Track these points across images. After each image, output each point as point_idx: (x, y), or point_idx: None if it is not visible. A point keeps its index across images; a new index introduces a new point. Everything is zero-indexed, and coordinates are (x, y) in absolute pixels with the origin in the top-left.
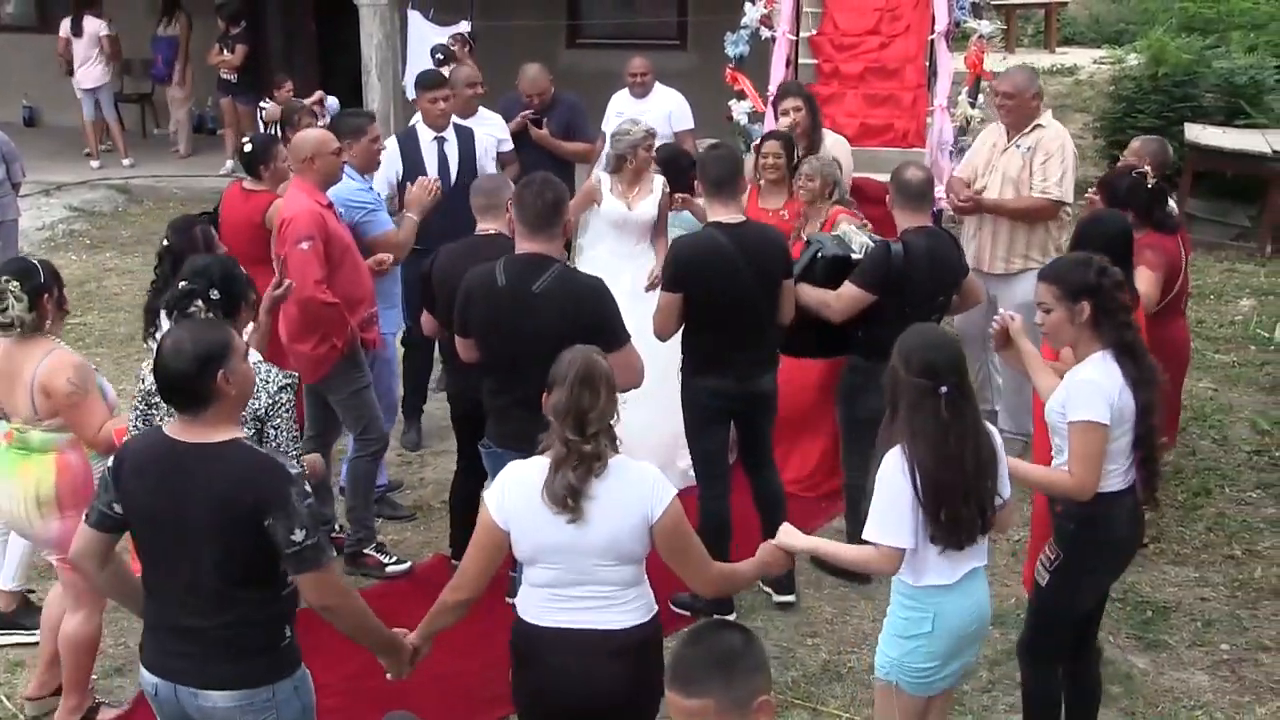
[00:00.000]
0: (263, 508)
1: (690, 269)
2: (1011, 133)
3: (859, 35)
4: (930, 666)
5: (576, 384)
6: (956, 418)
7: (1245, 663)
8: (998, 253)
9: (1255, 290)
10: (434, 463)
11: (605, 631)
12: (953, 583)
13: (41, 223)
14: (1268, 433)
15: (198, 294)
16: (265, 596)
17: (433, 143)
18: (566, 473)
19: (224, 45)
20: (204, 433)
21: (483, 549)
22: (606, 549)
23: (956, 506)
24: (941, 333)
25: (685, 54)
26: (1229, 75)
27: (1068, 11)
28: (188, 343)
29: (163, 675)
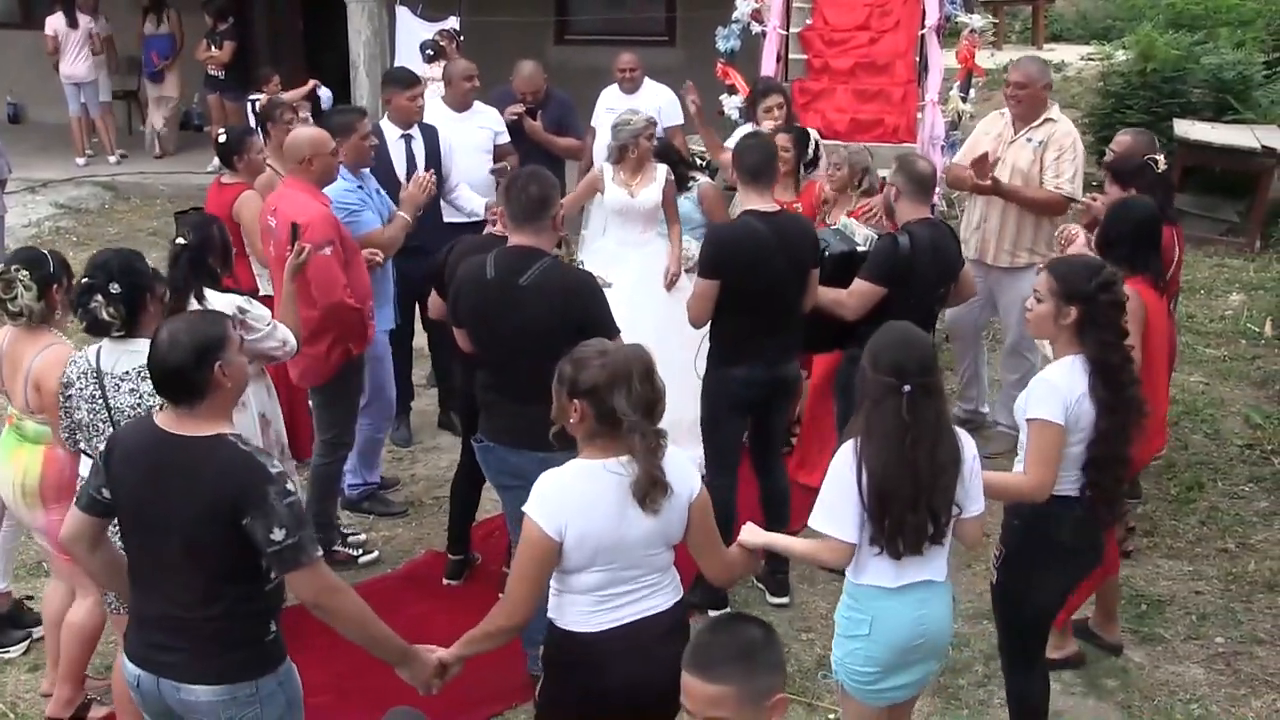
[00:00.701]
0: (241, 506)
1: (730, 255)
2: (1019, 124)
3: (849, 30)
4: (869, 672)
5: (643, 379)
6: (917, 419)
7: (1240, 656)
8: (1003, 245)
9: (1245, 285)
10: (425, 459)
11: (658, 615)
12: (893, 587)
13: (28, 220)
14: (1259, 427)
15: (96, 288)
16: (248, 591)
17: (400, 140)
18: (650, 468)
19: (212, 41)
20: (193, 426)
21: (535, 567)
22: (660, 536)
23: (901, 512)
24: (913, 332)
25: (674, 50)
26: (1217, 71)
27: (1055, 8)
28: (183, 334)
29: (145, 667)
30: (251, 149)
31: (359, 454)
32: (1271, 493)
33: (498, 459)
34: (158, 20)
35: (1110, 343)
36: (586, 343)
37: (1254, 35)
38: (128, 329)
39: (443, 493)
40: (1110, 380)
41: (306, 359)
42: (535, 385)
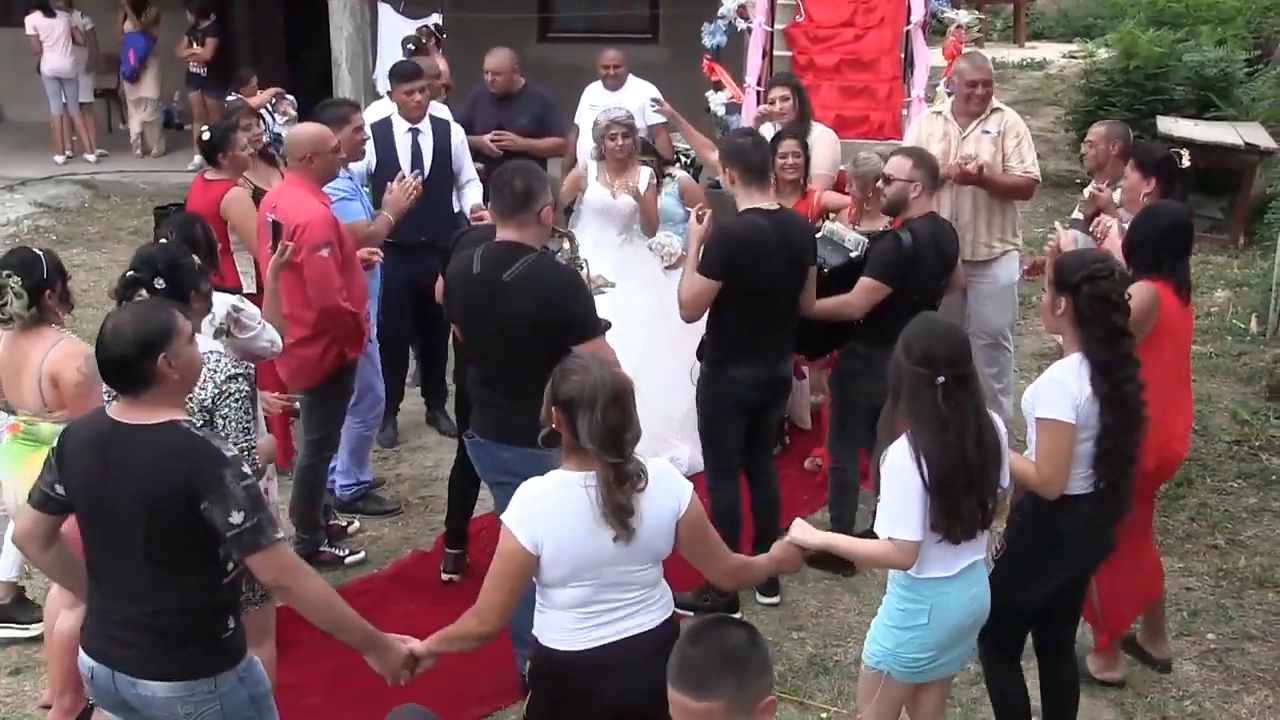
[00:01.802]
0: (197, 491)
1: (736, 254)
2: (966, 120)
3: (833, 27)
4: (925, 657)
5: (609, 405)
6: (954, 409)
7: (1232, 652)
8: (980, 238)
9: (1230, 281)
10: (411, 458)
11: (644, 634)
12: (953, 574)
13: (6, 219)
14: (1247, 423)
15: (142, 282)
16: (204, 583)
17: (407, 134)
18: (615, 495)
19: (194, 38)
20: (143, 414)
21: (509, 577)
22: (645, 553)
23: (958, 499)
24: (945, 323)
25: (657, 47)
26: (1199, 68)
27: (1036, 6)
28: (128, 325)
29: (101, 661)
30: (235, 145)
31: (350, 453)
32: (1260, 489)
33: (489, 455)
34: (138, 17)
35: (1099, 338)
36: (580, 353)
37: (1235, 33)
38: None
39: (429, 492)
40: (1105, 376)
41: (299, 360)
42: (523, 380)
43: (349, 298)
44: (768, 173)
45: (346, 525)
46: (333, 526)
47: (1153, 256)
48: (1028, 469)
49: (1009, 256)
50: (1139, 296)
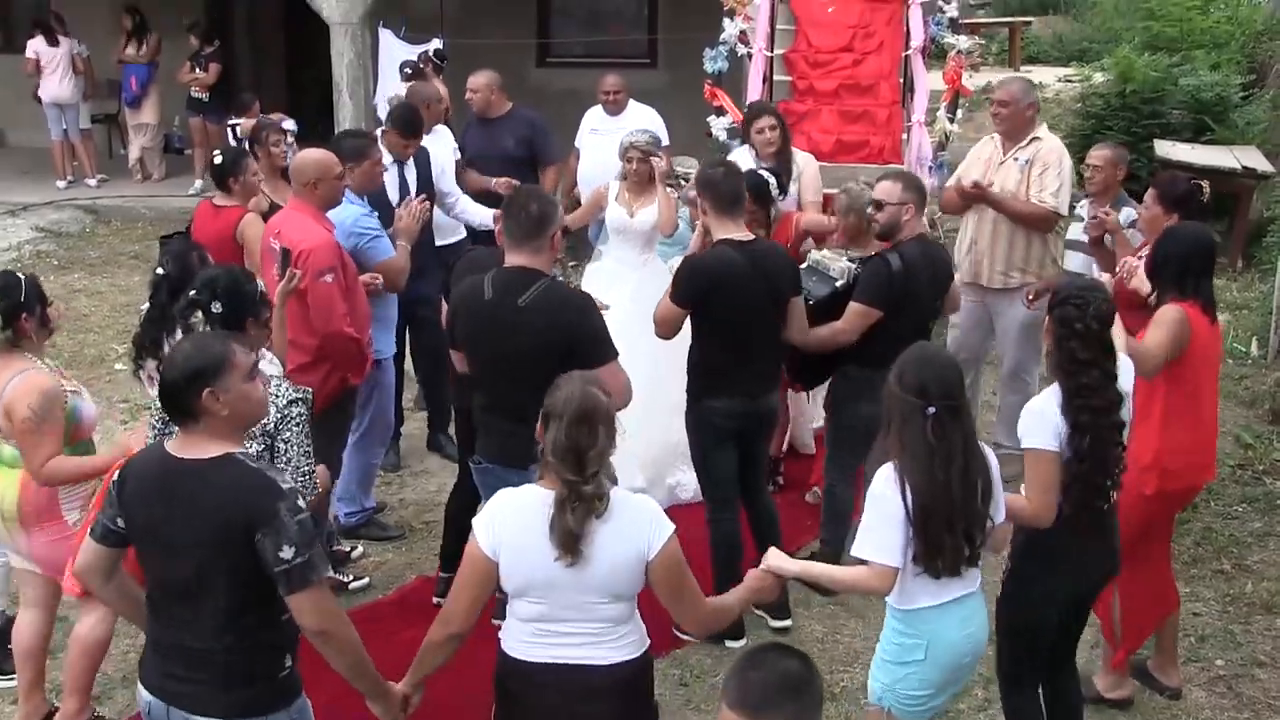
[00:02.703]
0: (253, 524)
1: (704, 285)
2: (1007, 145)
3: (832, 52)
4: (923, 694)
5: (574, 422)
6: (942, 440)
7: (1241, 679)
8: (996, 266)
9: (1229, 305)
10: (413, 483)
11: (594, 667)
12: (943, 603)
13: (8, 244)
14: (1250, 447)
15: (200, 304)
16: (262, 621)
17: (393, 165)
18: (566, 515)
19: (196, 64)
20: (198, 448)
21: (472, 581)
22: (601, 586)
23: (939, 531)
24: (940, 353)
25: (656, 72)
26: (1195, 92)
27: (1031, 30)
28: (180, 355)
29: (158, 695)
30: (247, 170)
31: (355, 481)
32: (1265, 513)
33: (495, 479)
34: (139, 45)
35: (1059, 364)
36: (577, 372)
37: (1230, 57)
38: None
39: (432, 517)
40: (1066, 402)
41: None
42: (531, 405)
43: (352, 323)
44: (740, 203)
45: (350, 550)
46: (337, 552)
47: (1177, 278)
48: (1019, 504)
49: (1026, 290)
50: (1168, 319)
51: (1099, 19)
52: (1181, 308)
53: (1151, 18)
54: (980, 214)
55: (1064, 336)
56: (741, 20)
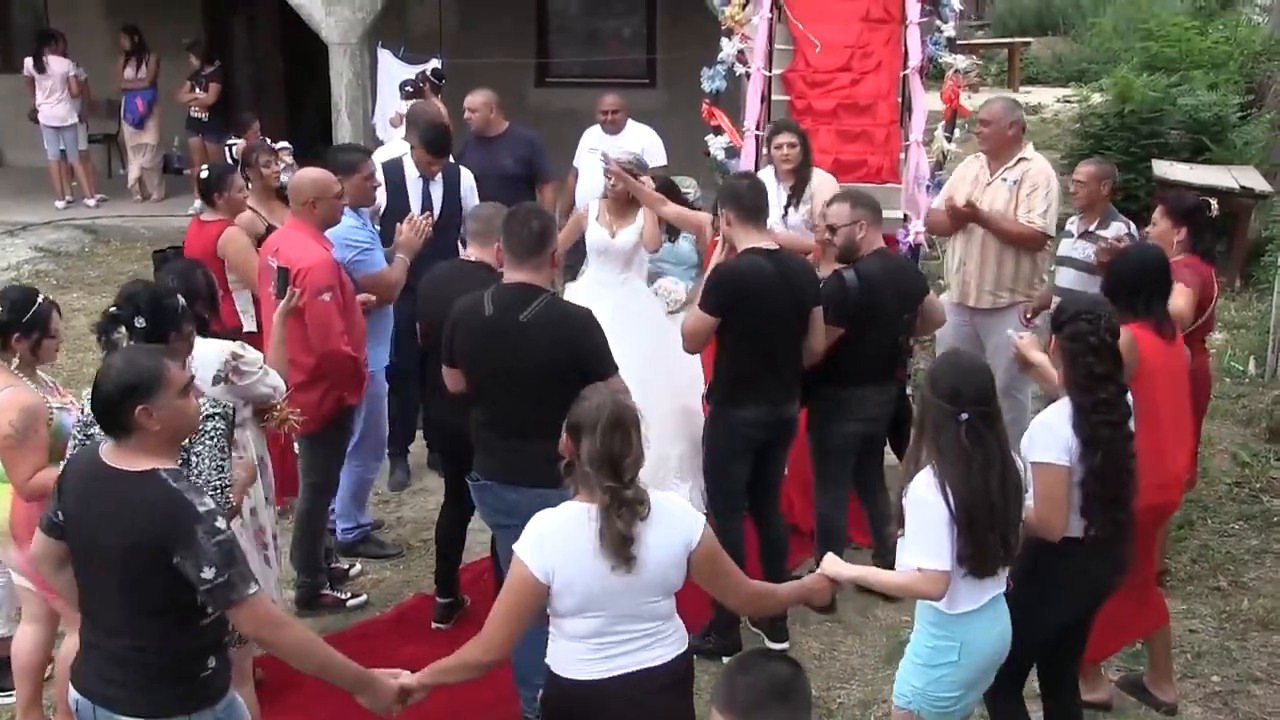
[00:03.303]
0: (169, 546)
1: (735, 293)
2: (994, 165)
3: (831, 72)
4: (953, 696)
5: (608, 430)
6: (977, 445)
7: (1237, 694)
8: (984, 286)
9: (1227, 324)
10: (412, 501)
11: (656, 668)
12: (979, 608)
13: (6, 263)
14: (1247, 465)
15: (122, 319)
16: (180, 624)
17: (419, 179)
18: (615, 522)
19: (196, 84)
20: (128, 459)
21: (520, 608)
22: (656, 585)
23: (983, 533)
24: (972, 359)
25: (655, 92)
26: (1193, 112)
27: (1030, 51)
28: (114, 370)
29: (84, 693)
30: (232, 186)
31: (351, 496)
32: (1262, 530)
33: (494, 496)
34: (138, 65)
35: (1077, 381)
36: (596, 385)
37: (1228, 78)
38: None
39: (430, 535)
40: (1083, 419)
41: (299, 405)
42: (534, 421)
43: (349, 342)
44: (764, 213)
45: (349, 568)
46: (335, 569)
47: (1127, 299)
48: (1029, 515)
49: (1018, 310)
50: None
51: (1098, 40)
52: (1129, 330)
53: (1150, 38)
54: (969, 234)
55: (1079, 353)
56: (739, 40)
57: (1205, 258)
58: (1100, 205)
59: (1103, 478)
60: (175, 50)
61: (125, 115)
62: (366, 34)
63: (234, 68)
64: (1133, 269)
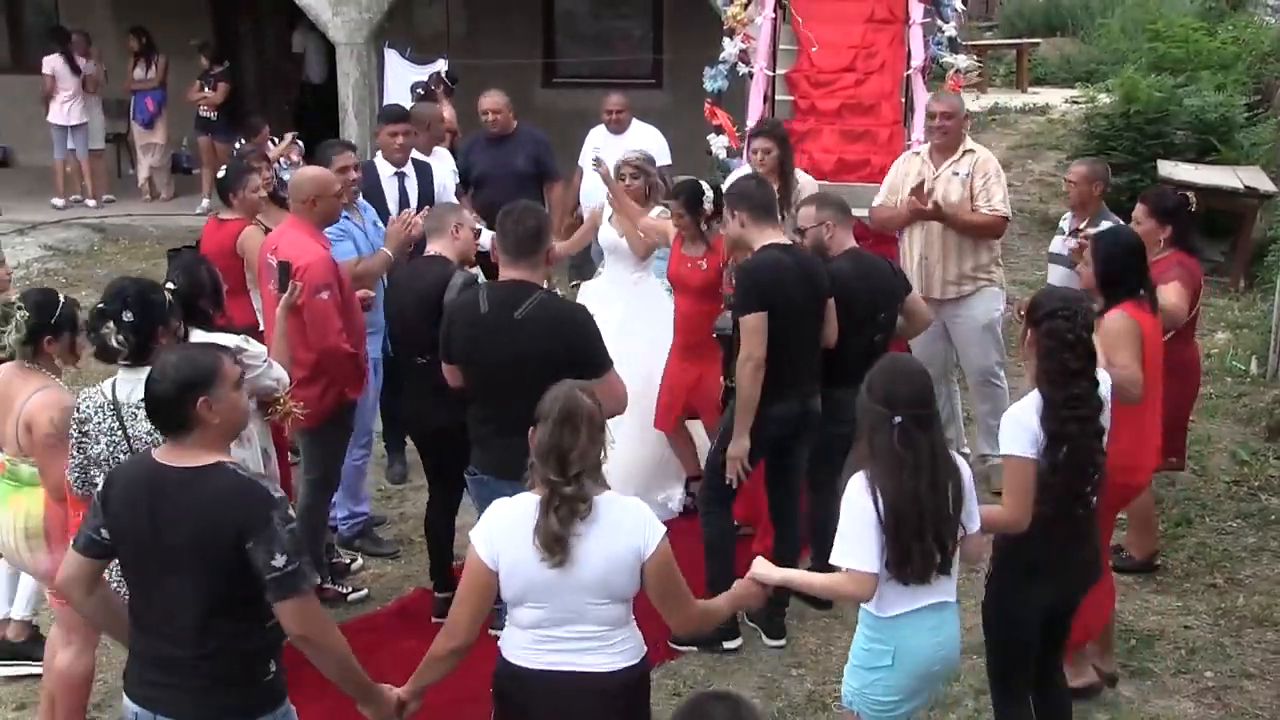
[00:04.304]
0: (244, 532)
1: (772, 285)
2: (939, 158)
3: (835, 72)
4: (890, 700)
5: (558, 423)
6: (910, 449)
7: (1230, 690)
8: (947, 278)
9: (1230, 324)
10: (413, 497)
11: (595, 674)
12: (911, 610)
13: (16, 262)
14: (1246, 463)
15: (110, 314)
16: (248, 628)
17: (393, 178)
18: (551, 517)
19: (205, 83)
20: (188, 457)
21: (473, 592)
22: (598, 587)
23: (909, 539)
24: (911, 364)
25: (661, 92)
26: (1199, 113)
27: (1039, 52)
28: (171, 366)
29: (142, 704)
30: (247, 186)
31: (343, 486)
32: (1259, 529)
33: (491, 492)
34: (147, 66)
35: (1049, 374)
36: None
37: (1235, 78)
38: (137, 358)
39: None
40: (1051, 414)
41: (300, 401)
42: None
43: (348, 339)
44: (774, 209)
45: (350, 562)
46: (336, 564)
47: (1135, 280)
48: (995, 513)
49: (984, 294)
50: (1122, 330)
51: (1106, 40)
52: (1126, 313)
53: (1158, 39)
54: (926, 229)
55: (1055, 349)
56: (741, 40)
57: (1191, 251)
58: (1092, 205)
59: (1066, 472)
60: (184, 50)
61: (135, 115)
62: (373, 34)
63: (243, 68)
64: (1122, 253)
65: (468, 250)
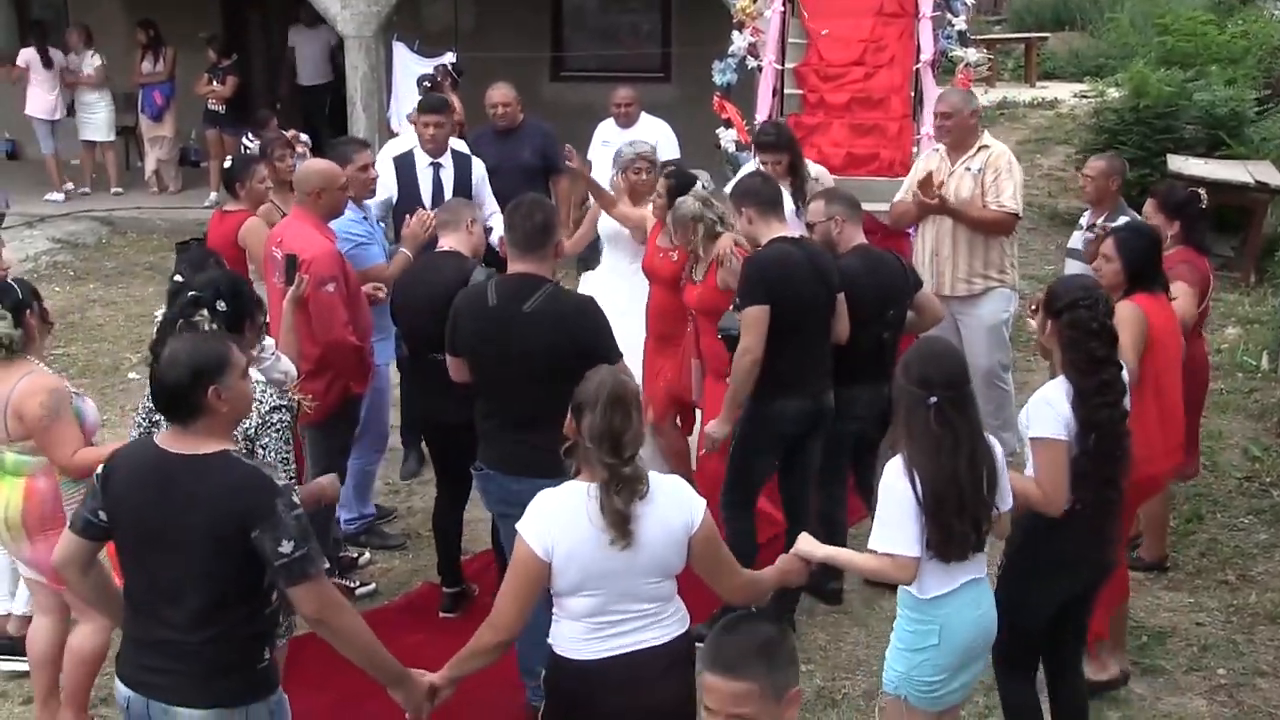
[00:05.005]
0: (249, 520)
1: (778, 279)
2: (954, 155)
3: (844, 66)
4: (938, 680)
5: (608, 406)
6: (947, 430)
7: (1243, 688)
8: (958, 275)
9: (1241, 319)
10: (422, 491)
11: (656, 648)
12: (954, 589)
13: (25, 255)
14: (1258, 459)
15: (204, 303)
16: (244, 615)
17: (429, 168)
18: (613, 498)
19: (214, 76)
20: (193, 444)
21: (523, 585)
22: (653, 566)
23: (950, 518)
24: (945, 345)
25: (669, 86)
26: (1209, 107)
27: (1047, 46)
28: (183, 354)
29: (135, 689)
30: (254, 177)
31: (353, 487)
32: (1271, 525)
33: (498, 487)
34: (155, 59)
35: (1077, 364)
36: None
37: (1245, 72)
38: None
39: None
40: (1081, 402)
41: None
42: (537, 412)
43: (355, 332)
44: (781, 204)
45: (357, 557)
46: (344, 558)
47: (1143, 274)
48: (1030, 488)
49: (993, 295)
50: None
51: (1115, 34)
52: (1135, 304)
53: (1167, 33)
54: (938, 224)
55: (1080, 339)
56: (750, 33)
57: (1200, 249)
58: (1109, 200)
59: (1098, 458)
60: (192, 43)
61: (143, 109)
62: (381, 27)
63: (251, 61)
64: (1148, 246)
65: (480, 245)
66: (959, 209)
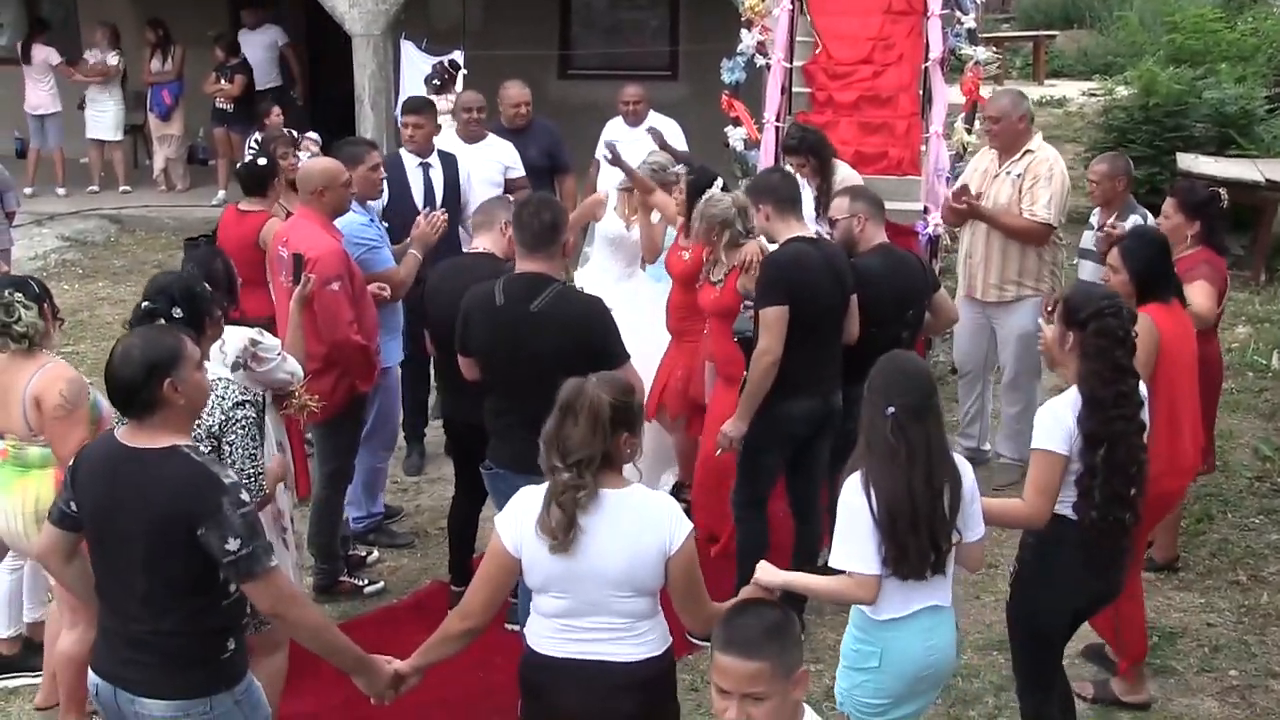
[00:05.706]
0: (195, 518)
1: (796, 279)
2: (1002, 158)
3: (852, 64)
4: (880, 703)
5: (559, 411)
6: (902, 440)
7: (1255, 689)
8: (990, 280)
9: (1251, 318)
10: (430, 489)
11: (618, 664)
12: (903, 615)
13: (34, 252)
14: (1268, 459)
15: (159, 313)
16: (204, 605)
17: (418, 168)
18: (550, 504)
19: (222, 75)
20: (147, 438)
21: (492, 577)
22: (621, 580)
23: (904, 534)
24: (908, 358)
25: (677, 84)
26: (1219, 105)
27: (1056, 44)
28: (136, 349)
29: (104, 678)
30: (281, 177)
31: (362, 485)
32: None
33: (508, 485)
34: (164, 57)
35: (1100, 374)
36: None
37: (1255, 70)
38: None
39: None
40: (1096, 413)
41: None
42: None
43: (360, 330)
44: (799, 203)
45: (366, 555)
46: (352, 556)
47: (1153, 283)
48: (1013, 507)
49: (1026, 305)
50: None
51: (1124, 32)
52: (1146, 315)
53: (1176, 31)
54: (975, 227)
55: (1108, 347)
56: (759, 31)
57: (1219, 249)
58: (1118, 200)
59: (1112, 472)
60: (200, 42)
61: (151, 107)
62: (390, 26)
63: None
64: (1155, 253)
65: (511, 248)
66: (992, 215)
